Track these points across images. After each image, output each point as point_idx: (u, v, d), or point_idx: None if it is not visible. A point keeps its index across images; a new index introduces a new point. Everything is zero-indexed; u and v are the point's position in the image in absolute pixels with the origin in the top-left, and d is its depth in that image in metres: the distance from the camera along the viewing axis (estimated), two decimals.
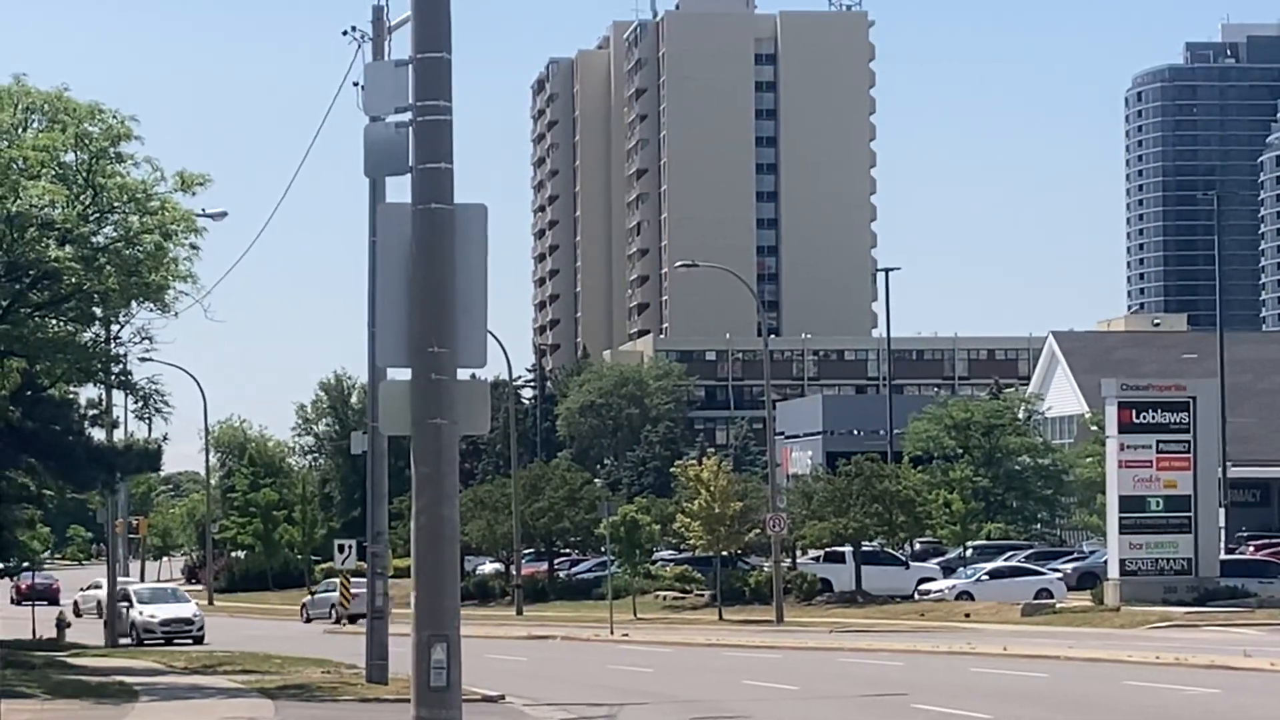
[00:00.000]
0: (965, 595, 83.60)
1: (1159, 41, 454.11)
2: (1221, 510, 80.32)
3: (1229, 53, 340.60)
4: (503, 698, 35.33)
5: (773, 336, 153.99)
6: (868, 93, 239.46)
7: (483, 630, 67.05)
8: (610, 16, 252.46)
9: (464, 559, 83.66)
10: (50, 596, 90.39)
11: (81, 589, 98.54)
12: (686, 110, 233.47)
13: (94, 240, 48.34)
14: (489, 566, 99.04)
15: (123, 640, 66.03)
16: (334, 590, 79.28)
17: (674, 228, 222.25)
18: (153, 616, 66.52)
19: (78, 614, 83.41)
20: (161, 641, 64.12)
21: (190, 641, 64.26)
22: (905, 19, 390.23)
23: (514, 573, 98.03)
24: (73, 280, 48.83)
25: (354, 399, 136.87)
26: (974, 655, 52.50)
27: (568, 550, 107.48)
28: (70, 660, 51.72)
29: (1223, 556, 77.13)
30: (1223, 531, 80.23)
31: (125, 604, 70.00)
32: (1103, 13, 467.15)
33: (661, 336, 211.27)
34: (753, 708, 35.41)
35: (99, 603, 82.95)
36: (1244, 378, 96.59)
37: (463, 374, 16.12)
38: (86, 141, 47.99)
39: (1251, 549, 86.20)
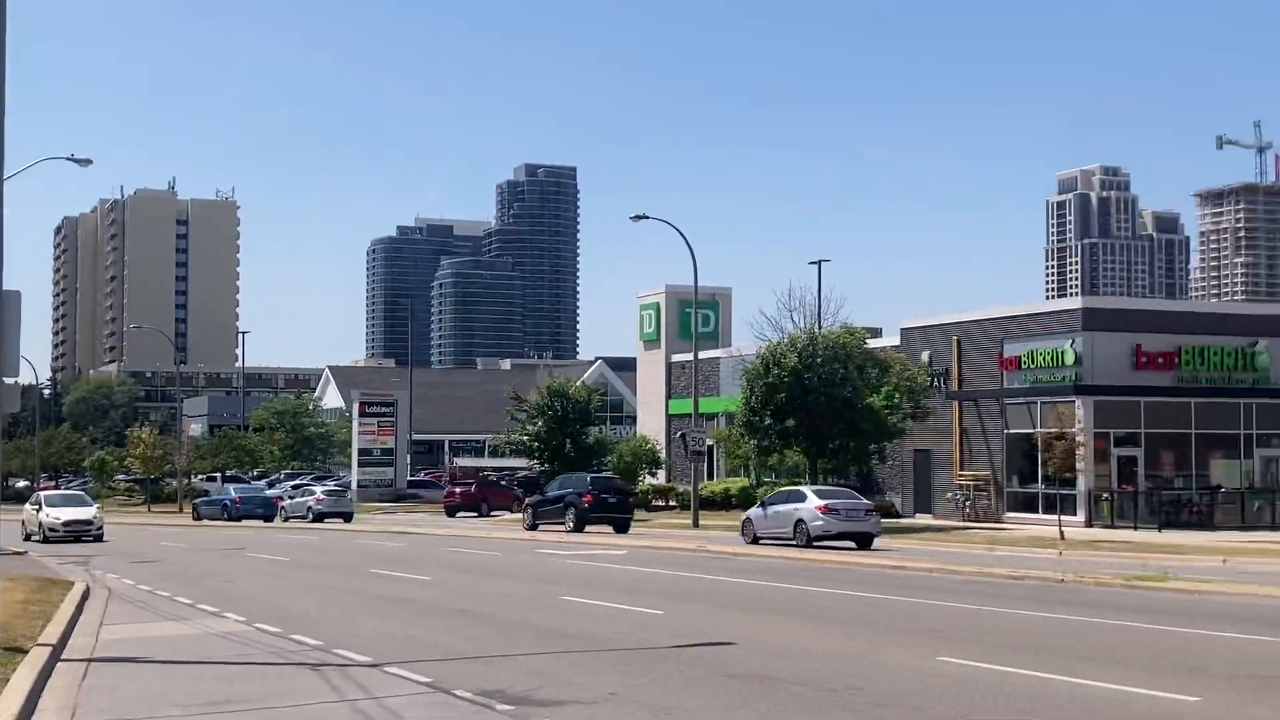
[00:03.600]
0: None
1: (385, 223, 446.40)
2: (409, 455, 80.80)
3: (420, 231, 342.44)
4: None
5: (185, 363, 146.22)
6: (236, 241, 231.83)
7: None
8: (97, 194, 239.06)
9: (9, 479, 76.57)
10: None
11: None
12: (139, 246, 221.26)
13: None
14: (22, 483, 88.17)
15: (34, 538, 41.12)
16: None
17: (131, 310, 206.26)
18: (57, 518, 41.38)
19: None
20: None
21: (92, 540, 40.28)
22: (259, 201, 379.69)
23: (37, 483, 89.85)
24: None
25: None
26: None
27: (68, 474, 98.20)
28: None
29: (408, 478, 77.60)
30: (409, 465, 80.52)
31: (35, 507, 43.12)
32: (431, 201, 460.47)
33: (123, 362, 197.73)
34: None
35: None
36: (419, 391, 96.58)
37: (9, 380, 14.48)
38: None
39: (423, 473, 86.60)
